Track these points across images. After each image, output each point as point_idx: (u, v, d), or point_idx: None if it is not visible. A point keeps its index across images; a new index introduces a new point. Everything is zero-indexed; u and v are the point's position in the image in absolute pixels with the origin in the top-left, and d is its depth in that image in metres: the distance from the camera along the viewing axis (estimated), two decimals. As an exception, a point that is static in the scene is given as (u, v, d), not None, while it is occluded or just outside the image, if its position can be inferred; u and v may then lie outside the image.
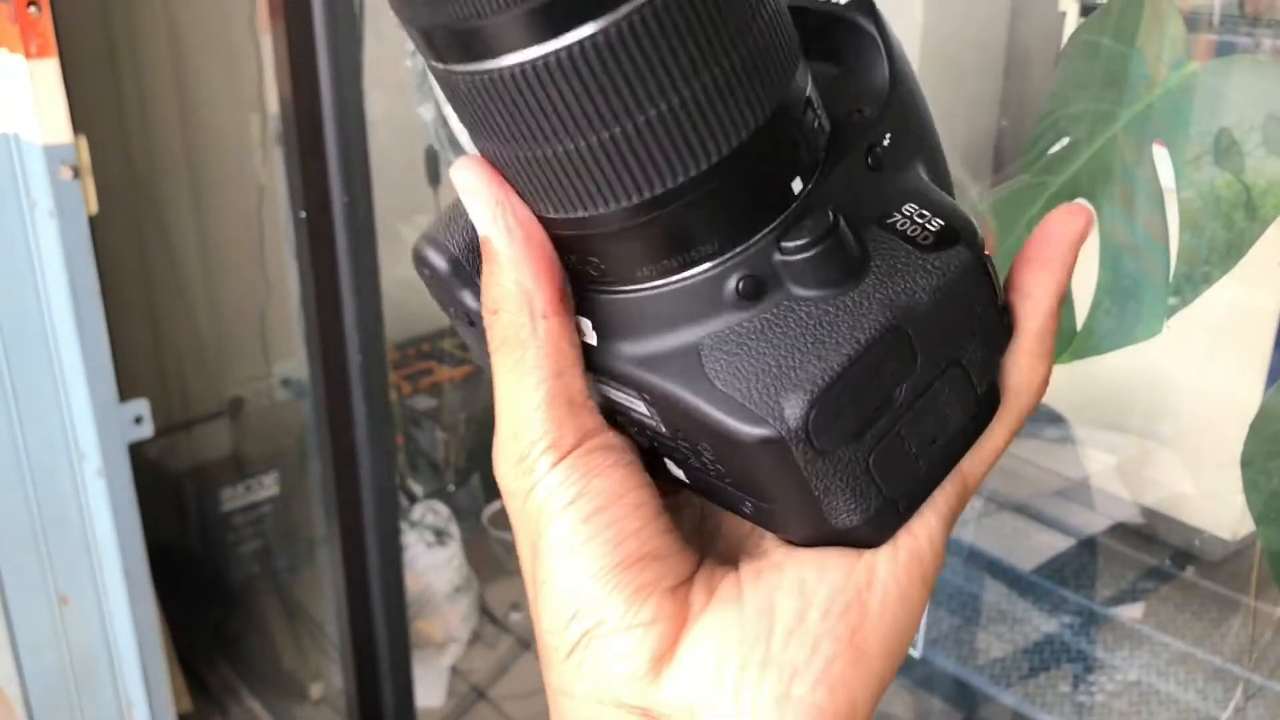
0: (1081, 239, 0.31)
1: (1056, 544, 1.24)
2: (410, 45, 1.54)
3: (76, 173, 1.18)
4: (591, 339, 0.29)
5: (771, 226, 0.27)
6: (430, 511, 1.76)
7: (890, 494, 0.28)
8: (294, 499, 1.77)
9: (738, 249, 0.27)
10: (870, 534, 0.28)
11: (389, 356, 1.57)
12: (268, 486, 1.79)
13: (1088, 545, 1.22)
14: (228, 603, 1.86)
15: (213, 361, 1.83)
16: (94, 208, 1.22)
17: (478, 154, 0.28)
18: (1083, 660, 1.15)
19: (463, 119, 0.27)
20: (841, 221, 0.26)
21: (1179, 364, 1.08)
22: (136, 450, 1.32)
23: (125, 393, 1.28)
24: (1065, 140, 0.62)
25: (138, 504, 1.31)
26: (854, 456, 0.27)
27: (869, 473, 0.27)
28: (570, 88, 0.24)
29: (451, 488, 1.88)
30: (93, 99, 1.56)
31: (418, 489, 1.85)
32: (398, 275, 1.58)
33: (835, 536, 0.28)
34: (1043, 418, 1.30)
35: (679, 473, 0.31)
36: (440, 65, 0.25)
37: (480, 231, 0.28)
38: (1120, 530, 1.21)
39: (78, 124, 1.18)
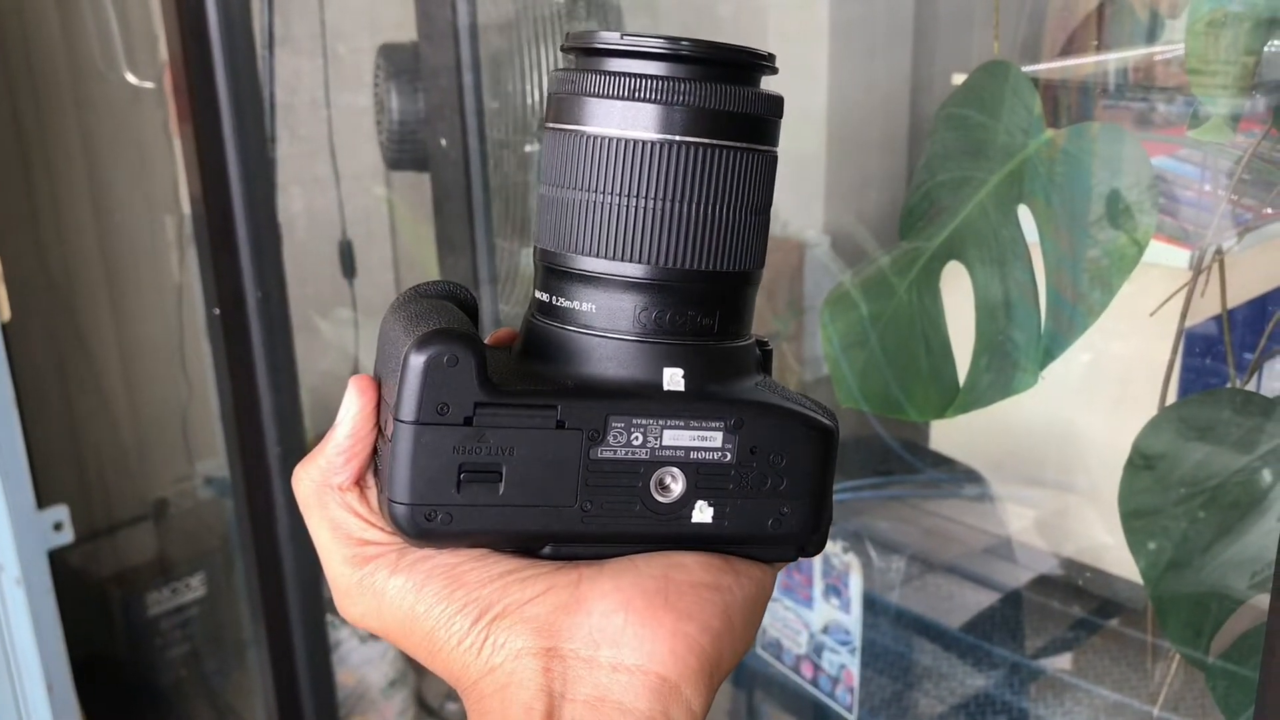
0: None
1: (983, 600, 1.25)
2: (331, 147, 1.57)
3: (-13, 280, 1.17)
4: (680, 386, 0.36)
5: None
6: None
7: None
8: (221, 600, 1.74)
9: (752, 337, 0.39)
10: (821, 541, 0.38)
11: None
12: (194, 588, 1.76)
13: (1014, 599, 1.24)
14: (157, 709, 1.81)
15: (135, 463, 1.81)
16: (6, 315, 1.21)
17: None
18: (1014, 714, 1.16)
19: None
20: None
21: (1087, 415, 1.11)
22: (58, 557, 1.29)
23: (45, 499, 1.26)
24: (937, 207, 0.65)
25: (60, 613, 1.28)
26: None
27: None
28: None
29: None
30: (4, 206, 1.56)
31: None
32: (320, 368, 1.58)
33: (819, 538, 0.38)
34: (960, 476, 1.33)
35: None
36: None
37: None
38: (1045, 582, 1.24)
39: (-12, 232, 1.18)
